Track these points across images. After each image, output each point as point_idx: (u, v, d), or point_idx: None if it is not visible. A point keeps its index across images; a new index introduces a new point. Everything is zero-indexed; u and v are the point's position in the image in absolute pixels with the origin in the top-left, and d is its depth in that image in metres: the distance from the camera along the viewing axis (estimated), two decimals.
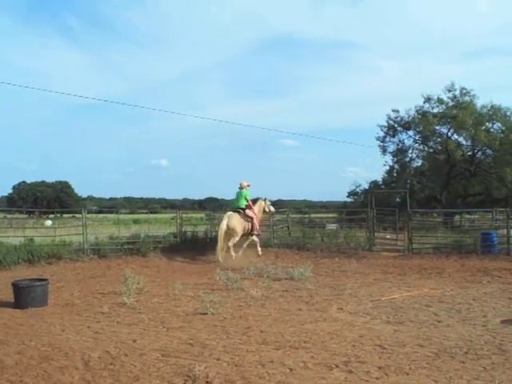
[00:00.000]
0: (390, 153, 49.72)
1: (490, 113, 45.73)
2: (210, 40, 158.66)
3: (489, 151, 47.32)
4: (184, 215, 25.43)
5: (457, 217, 39.25)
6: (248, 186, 20.65)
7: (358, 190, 51.71)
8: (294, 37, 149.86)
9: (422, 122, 46.14)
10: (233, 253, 19.32)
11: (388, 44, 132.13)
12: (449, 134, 46.89)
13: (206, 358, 7.08)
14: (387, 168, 51.26)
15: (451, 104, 45.97)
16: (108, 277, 15.56)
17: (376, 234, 23.71)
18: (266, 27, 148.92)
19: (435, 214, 40.26)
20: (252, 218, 19.99)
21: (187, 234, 22.65)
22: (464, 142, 47.61)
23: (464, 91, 45.93)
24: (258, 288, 12.59)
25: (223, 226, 19.26)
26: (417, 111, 47.42)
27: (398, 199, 44.69)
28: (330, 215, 41.34)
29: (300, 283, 13.76)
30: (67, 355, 7.25)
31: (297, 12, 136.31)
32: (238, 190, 20.57)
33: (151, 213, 53.14)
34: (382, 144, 49.45)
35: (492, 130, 46.45)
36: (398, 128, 48.69)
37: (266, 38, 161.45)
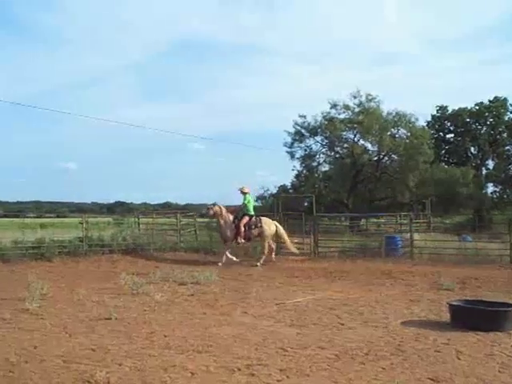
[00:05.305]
0: (297, 158, 50.15)
1: (395, 119, 46.87)
2: (118, 41, 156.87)
3: (394, 156, 48.48)
4: (91, 219, 25.09)
5: (363, 221, 40.00)
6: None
7: (265, 194, 51.92)
8: (203, 40, 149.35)
9: (328, 127, 46.77)
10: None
11: (295, 48, 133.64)
12: (355, 139, 47.79)
13: (108, 364, 6.94)
14: (296, 173, 51.76)
15: (357, 110, 46.78)
16: (11, 282, 15.05)
17: None
18: (177, 30, 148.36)
19: (342, 218, 40.96)
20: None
21: (93, 239, 22.24)
22: (370, 147, 48.69)
23: (370, 97, 46.86)
24: (163, 292, 12.44)
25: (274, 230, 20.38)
26: (323, 117, 47.95)
27: (306, 203, 45.10)
28: None
29: (206, 287, 13.69)
30: None
31: (207, 15, 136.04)
32: (245, 195, 20.45)
33: (58, 217, 52.07)
34: (289, 150, 49.80)
35: (397, 135, 47.66)
36: (306, 134, 49.14)
37: (176, 40, 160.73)
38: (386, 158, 49.10)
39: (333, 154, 50.35)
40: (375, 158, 48.99)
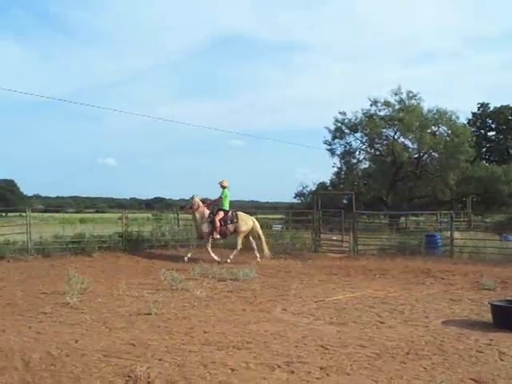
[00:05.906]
0: (337, 155, 49.99)
1: (436, 116, 46.44)
2: (157, 39, 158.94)
3: (434, 154, 48.05)
4: (130, 215, 25.28)
5: (402, 219, 39.70)
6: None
7: (304, 191, 51.85)
8: (242, 37, 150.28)
9: (368, 124, 46.54)
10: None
11: (334, 46, 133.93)
12: (395, 136, 47.49)
13: (148, 359, 6.98)
14: (335, 170, 51.59)
15: (398, 107, 46.48)
16: (51, 276, 15.22)
17: (322, 235, 23.84)
18: (215, 27, 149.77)
19: (381, 216, 40.69)
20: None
21: (132, 234, 22.39)
22: (410, 145, 48.31)
23: (411, 94, 46.59)
24: (202, 288, 12.51)
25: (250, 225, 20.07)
26: (364, 114, 47.81)
27: (344, 201, 44.93)
28: (277, 216, 41.42)
29: (245, 284, 13.74)
30: (7, 356, 7.05)
31: (245, 12, 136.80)
32: (223, 190, 19.89)
33: (98, 212, 52.59)
34: (329, 147, 49.66)
35: (437, 133, 47.20)
36: (346, 130, 48.91)
37: (215, 38, 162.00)
38: (426, 156, 48.71)
39: (373, 151, 50.14)
40: (415, 156, 48.61)
